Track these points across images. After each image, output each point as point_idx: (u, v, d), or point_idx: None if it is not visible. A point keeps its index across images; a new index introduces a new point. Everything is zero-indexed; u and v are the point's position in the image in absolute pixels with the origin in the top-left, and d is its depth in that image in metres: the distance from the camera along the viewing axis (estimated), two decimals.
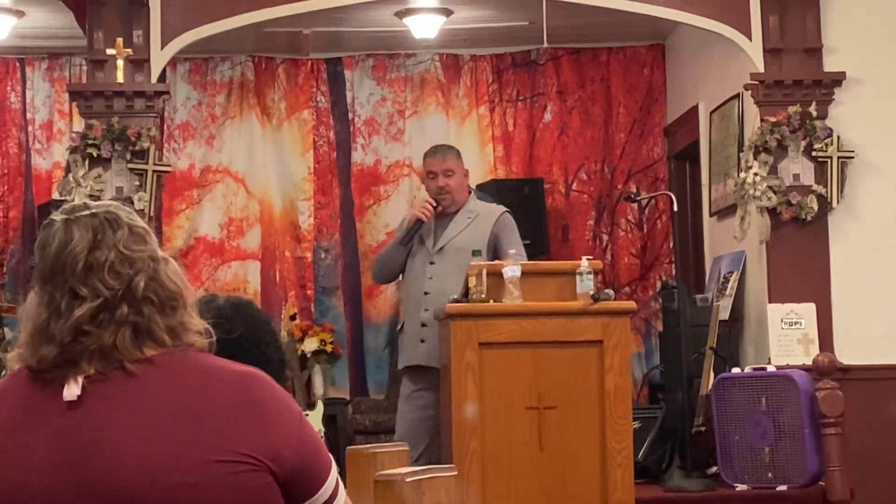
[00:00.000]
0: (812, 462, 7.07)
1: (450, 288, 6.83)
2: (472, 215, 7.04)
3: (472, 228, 6.99)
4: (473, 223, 7.01)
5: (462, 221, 7.04)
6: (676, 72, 10.20)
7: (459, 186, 7.08)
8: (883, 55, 8.00)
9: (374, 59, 10.42)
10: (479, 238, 6.94)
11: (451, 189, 7.04)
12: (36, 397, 2.23)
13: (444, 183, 7.04)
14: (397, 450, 3.62)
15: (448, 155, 7.16)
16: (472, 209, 7.08)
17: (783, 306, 7.79)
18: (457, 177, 7.07)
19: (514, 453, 6.46)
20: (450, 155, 7.17)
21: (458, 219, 7.05)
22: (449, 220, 7.05)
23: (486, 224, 7.00)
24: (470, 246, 6.80)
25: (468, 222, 7.02)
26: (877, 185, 7.93)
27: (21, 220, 10.13)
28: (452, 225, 7.03)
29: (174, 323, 2.27)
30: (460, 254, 6.88)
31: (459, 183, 7.08)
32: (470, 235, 6.96)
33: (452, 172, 7.06)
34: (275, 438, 2.23)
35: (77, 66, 10.08)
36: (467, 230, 6.99)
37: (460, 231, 7.00)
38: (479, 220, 7.02)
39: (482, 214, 7.06)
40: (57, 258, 2.26)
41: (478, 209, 7.11)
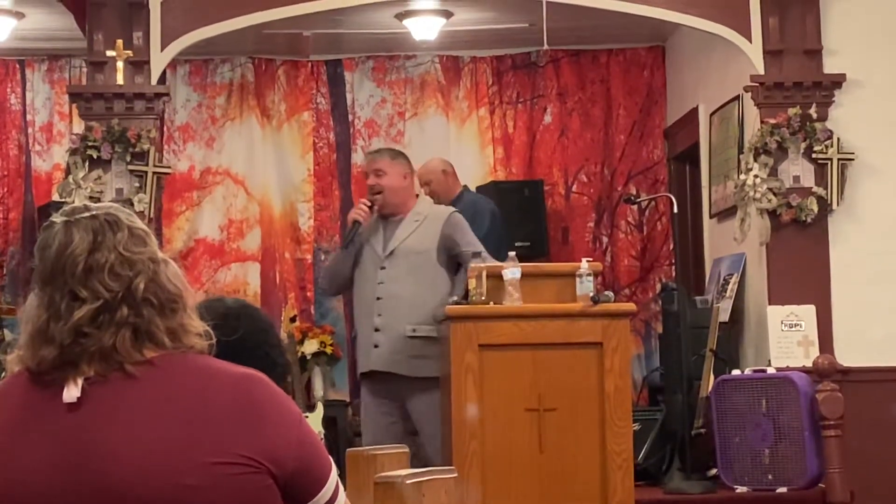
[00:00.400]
0: (812, 464, 7.07)
1: (402, 292, 6.87)
2: (420, 217, 6.99)
3: (421, 230, 6.95)
4: (422, 225, 6.96)
5: (410, 224, 6.99)
6: (676, 74, 10.20)
7: (396, 186, 7.03)
8: (883, 57, 8.00)
9: (374, 60, 10.42)
10: (428, 239, 6.91)
11: (381, 188, 7.01)
12: (36, 399, 2.23)
13: (374, 182, 7.04)
14: (397, 451, 3.62)
15: (380, 156, 7.20)
16: (419, 211, 7.04)
17: (783, 308, 7.79)
18: (389, 177, 7.02)
19: (513, 455, 6.46)
20: (382, 156, 7.19)
21: (407, 222, 7.00)
22: (397, 225, 7.01)
23: (435, 225, 6.95)
24: (420, 248, 6.85)
25: (416, 225, 6.97)
26: (877, 187, 7.93)
27: (21, 221, 10.13)
28: (401, 228, 6.99)
29: (174, 325, 2.27)
30: (411, 256, 6.89)
31: (395, 183, 7.03)
32: (419, 237, 6.93)
33: (383, 172, 7.03)
34: (274, 440, 2.23)
35: (77, 68, 10.09)
36: (416, 232, 6.95)
37: (409, 234, 6.95)
38: (427, 222, 6.97)
39: (430, 216, 7.01)
40: (57, 260, 2.26)
41: (426, 211, 7.06)
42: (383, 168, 7.05)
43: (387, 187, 7.01)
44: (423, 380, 6.83)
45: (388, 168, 7.05)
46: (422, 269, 6.90)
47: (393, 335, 6.89)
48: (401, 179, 7.06)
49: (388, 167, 7.05)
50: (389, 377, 6.90)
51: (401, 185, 7.05)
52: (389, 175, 7.03)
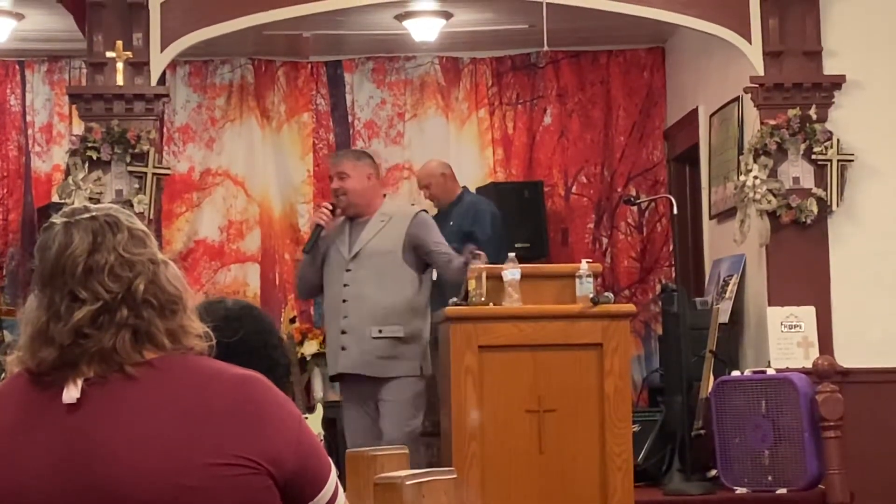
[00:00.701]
0: (812, 465, 7.07)
1: (368, 293, 6.81)
2: (385, 218, 6.93)
3: (386, 231, 6.89)
4: (388, 225, 6.90)
5: (376, 225, 6.93)
6: (676, 75, 10.20)
7: (360, 188, 6.95)
8: (883, 58, 8.00)
9: (373, 61, 10.42)
10: (393, 240, 6.87)
11: (345, 190, 6.93)
12: (36, 400, 2.23)
13: (338, 185, 6.96)
14: (397, 453, 3.61)
15: (342, 158, 7.13)
16: (385, 212, 6.98)
17: (783, 309, 7.79)
18: (354, 178, 6.94)
19: (513, 456, 6.46)
20: (345, 158, 7.12)
21: (372, 223, 6.94)
22: (363, 226, 6.95)
23: (400, 225, 6.89)
24: (385, 249, 6.81)
25: (382, 225, 6.91)
26: (876, 189, 7.93)
27: (21, 222, 10.13)
28: (366, 230, 6.92)
29: (174, 326, 2.27)
30: (376, 257, 6.84)
31: (359, 185, 6.95)
32: (384, 238, 6.88)
33: (346, 175, 6.94)
34: (274, 442, 2.23)
35: (77, 69, 10.09)
36: (381, 233, 6.89)
37: (374, 234, 6.89)
38: (393, 222, 6.91)
39: (396, 216, 6.96)
40: (57, 261, 2.26)
41: (391, 211, 7.01)
42: (346, 170, 6.96)
43: (350, 190, 6.94)
44: (392, 379, 6.83)
45: (352, 170, 6.97)
46: (387, 270, 6.84)
47: (359, 337, 6.84)
48: (365, 180, 6.97)
49: (351, 169, 6.97)
50: (359, 379, 6.88)
51: (365, 186, 6.96)
52: (353, 177, 6.95)
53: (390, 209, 7.03)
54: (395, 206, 7.19)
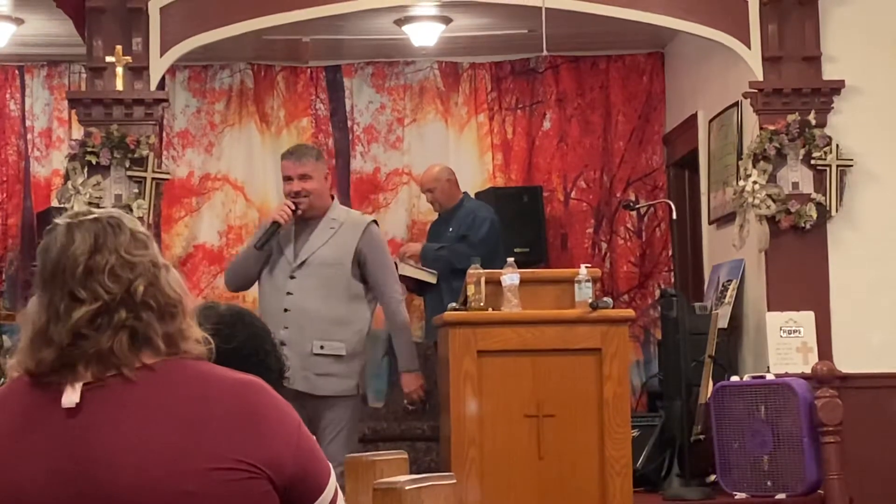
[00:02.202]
0: (811, 470, 7.07)
1: (311, 305, 6.44)
2: (335, 225, 6.57)
3: (336, 240, 6.53)
4: (338, 234, 6.54)
5: (325, 232, 6.56)
6: (675, 80, 10.20)
7: (320, 191, 6.61)
8: (882, 63, 8.01)
9: (373, 66, 10.42)
10: (343, 251, 6.52)
11: (307, 193, 6.57)
12: (36, 403, 2.23)
13: (300, 188, 6.58)
14: (396, 458, 3.62)
15: (304, 157, 6.68)
16: (335, 217, 6.60)
17: (782, 314, 7.79)
18: (315, 181, 6.58)
19: (512, 461, 6.46)
20: (307, 157, 6.68)
21: (321, 229, 6.57)
22: (311, 231, 6.58)
23: (351, 236, 6.53)
24: (333, 260, 6.46)
25: (332, 233, 6.55)
26: (876, 194, 7.93)
27: (20, 227, 10.13)
28: (315, 236, 6.55)
29: (172, 330, 2.27)
30: (324, 269, 6.49)
31: (319, 186, 6.61)
32: (333, 247, 6.52)
33: (309, 176, 6.58)
34: (273, 446, 2.23)
35: (76, 74, 10.09)
36: (331, 242, 6.53)
37: (324, 243, 6.54)
38: (343, 231, 6.55)
39: (346, 224, 6.58)
40: (58, 261, 2.26)
41: (342, 217, 6.63)
42: (309, 171, 6.61)
43: (313, 192, 6.59)
44: (329, 398, 6.50)
45: (314, 171, 6.63)
46: (333, 281, 6.49)
47: (299, 351, 6.44)
48: (324, 181, 6.67)
49: (313, 170, 6.63)
50: (296, 395, 6.32)
51: (324, 187, 6.65)
52: (315, 178, 6.61)
53: (340, 215, 6.66)
54: (343, 212, 6.74)
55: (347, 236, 6.52)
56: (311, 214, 6.58)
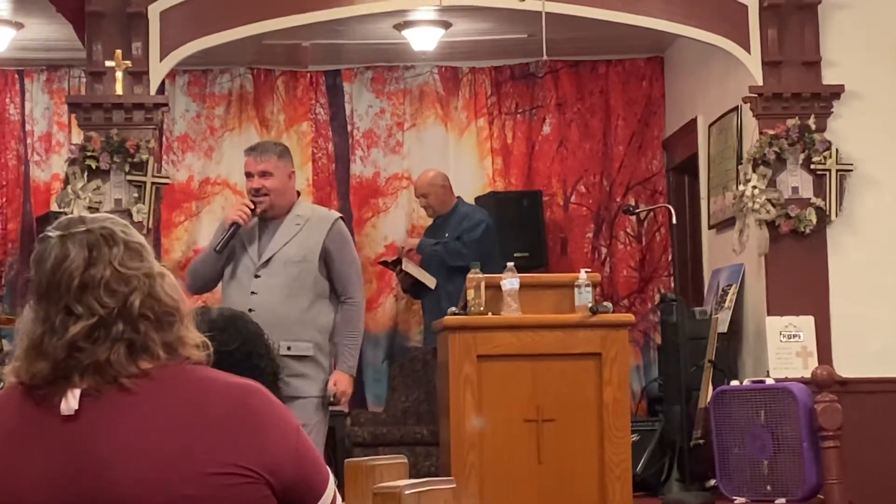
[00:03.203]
0: (811, 475, 7.06)
1: (277, 305, 6.10)
2: (301, 221, 6.25)
3: (301, 237, 6.21)
4: (303, 231, 6.22)
5: (290, 229, 6.23)
6: (675, 84, 10.20)
7: (282, 188, 6.25)
8: (881, 68, 8.01)
9: (372, 71, 10.43)
10: (310, 247, 6.19)
11: (267, 191, 6.21)
12: (32, 412, 2.23)
13: (260, 185, 6.22)
14: (396, 462, 3.61)
15: (266, 154, 6.33)
16: (300, 213, 6.28)
17: (782, 319, 7.79)
18: (277, 178, 6.23)
19: (512, 466, 6.46)
20: (268, 154, 6.33)
21: (286, 226, 6.24)
22: (276, 228, 6.26)
23: (317, 233, 6.20)
24: (299, 257, 6.16)
25: (297, 230, 6.22)
26: (875, 198, 7.93)
27: (20, 231, 10.13)
28: (279, 233, 6.23)
29: (171, 338, 2.26)
30: (289, 266, 6.17)
31: (281, 184, 6.24)
32: (299, 244, 6.19)
33: (270, 174, 6.23)
34: (272, 451, 2.23)
35: (76, 78, 10.10)
36: (296, 239, 6.20)
37: (288, 240, 6.20)
38: (309, 228, 6.22)
39: (312, 220, 6.25)
40: (52, 275, 2.25)
41: (307, 213, 6.30)
42: (270, 169, 6.25)
43: (273, 190, 6.23)
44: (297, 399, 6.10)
45: (276, 168, 6.27)
46: (300, 279, 6.17)
47: None
48: (287, 179, 6.29)
49: (275, 167, 6.27)
50: None
51: (287, 185, 6.29)
52: (276, 176, 6.26)
53: (305, 210, 6.34)
54: (309, 207, 6.48)
55: (314, 232, 6.22)
56: (274, 213, 6.26)
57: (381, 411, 9.85)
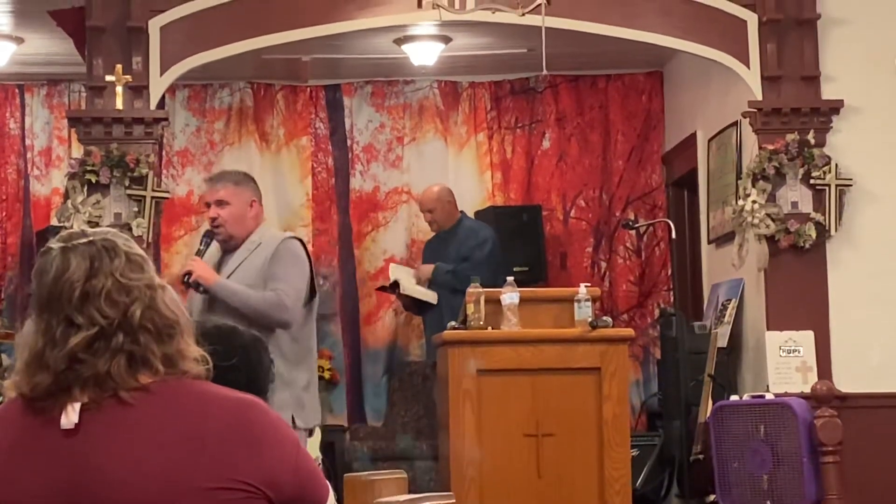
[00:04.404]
0: (810, 490, 7.05)
1: None
2: (253, 245, 5.97)
3: (247, 263, 5.93)
4: (254, 255, 5.94)
5: (242, 254, 5.97)
6: (675, 99, 10.21)
7: (239, 217, 5.97)
8: (881, 83, 8.01)
9: (372, 85, 10.44)
10: (256, 271, 5.88)
11: (222, 221, 5.96)
12: (32, 425, 2.23)
13: (215, 213, 5.97)
14: (395, 477, 3.61)
15: (221, 181, 6.11)
16: (255, 240, 5.98)
17: (781, 334, 7.78)
18: (234, 206, 5.96)
19: (512, 480, 6.46)
20: (223, 181, 6.10)
21: (241, 251, 5.98)
22: (231, 254, 6.01)
23: (263, 256, 5.91)
24: (247, 281, 5.84)
25: (247, 254, 5.95)
26: (875, 213, 7.93)
27: (19, 246, 10.13)
28: (233, 258, 5.98)
29: (171, 351, 2.27)
30: None
31: (238, 213, 5.97)
32: (247, 269, 5.91)
33: (226, 202, 5.96)
34: (272, 466, 2.23)
35: (76, 93, 10.10)
36: (243, 265, 5.93)
37: (238, 265, 5.94)
38: (259, 251, 5.94)
39: (264, 244, 5.96)
40: (54, 286, 2.25)
41: (262, 238, 5.99)
42: (225, 197, 5.98)
43: (229, 219, 5.97)
44: None
45: (231, 197, 6.00)
46: None
47: None
48: (246, 208, 5.99)
49: (231, 195, 6.00)
50: None
51: (245, 214, 5.99)
52: (233, 205, 5.98)
53: (259, 236, 6.03)
54: (266, 233, 6.09)
55: (261, 255, 5.93)
56: (234, 243, 6.00)
57: (381, 426, 9.84)
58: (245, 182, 6.11)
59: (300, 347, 5.96)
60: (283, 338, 5.82)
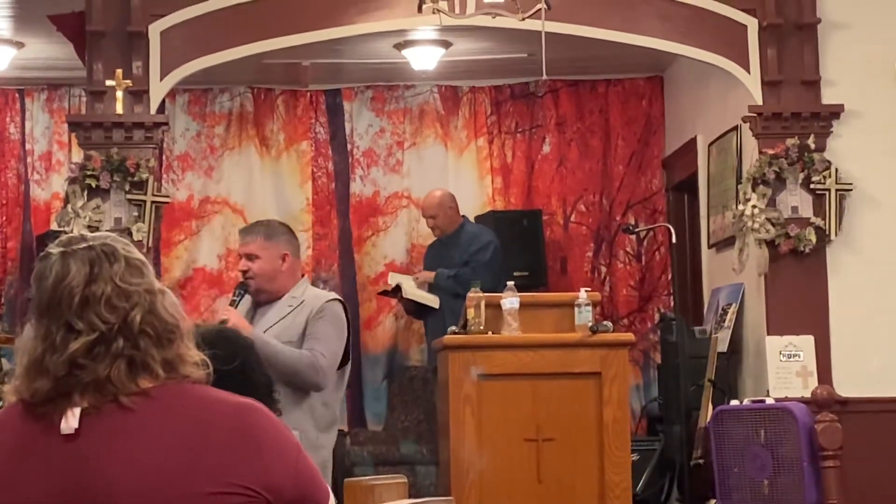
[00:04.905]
0: (811, 495, 7.05)
1: None
2: (295, 302, 5.78)
3: (287, 320, 5.73)
4: (295, 312, 5.75)
5: (283, 309, 5.78)
6: (675, 104, 10.21)
7: (270, 271, 5.81)
8: (881, 88, 8.01)
9: (372, 90, 10.44)
10: (296, 328, 5.69)
11: (253, 274, 5.81)
12: (32, 430, 2.23)
13: (246, 267, 5.84)
14: (396, 482, 3.61)
15: (251, 234, 5.96)
16: (296, 296, 5.81)
17: (781, 338, 7.78)
18: (264, 260, 5.81)
19: (512, 485, 6.45)
20: (252, 235, 5.94)
21: (279, 306, 5.80)
22: (266, 311, 5.83)
23: (304, 315, 5.72)
24: (285, 338, 5.63)
25: (289, 310, 5.76)
26: (875, 218, 7.93)
27: (19, 250, 10.13)
28: (271, 313, 5.79)
29: (171, 356, 2.27)
30: None
31: (269, 267, 5.81)
32: (287, 325, 5.72)
33: (256, 256, 5.82)
34: (272, 470, 2.23)
35: (76, 98, 10.10)
36: (282, 322, 5.73)
37: (278, 320, 5.74)
38: (301, 310, 5.74)
39: (307, 302, 5.76)
40: (53, 291, 2.25)
41: (304, 296, 5.80)
42: (256, 251, 5.84)
43: (260, 274, 5.82)
44: None
45: (262, 251, 5.84)
46: None
47: None
48: (278, 262, 5.83)
49: (260, 250, 5.84)
50: None
51: (277, 268, 5.83)
52: (263, 259, 5.82)
53: (301, 293, 5.84)
54: (308, 291, 5.90)
55: (303, 314, 5.74)
56: (266, 297, 5.86)
57: (381, 430, 9.83)
58: (277, 235, 5.93)
59: (329, 413, 5.75)
60: (316, 402, 5.65)
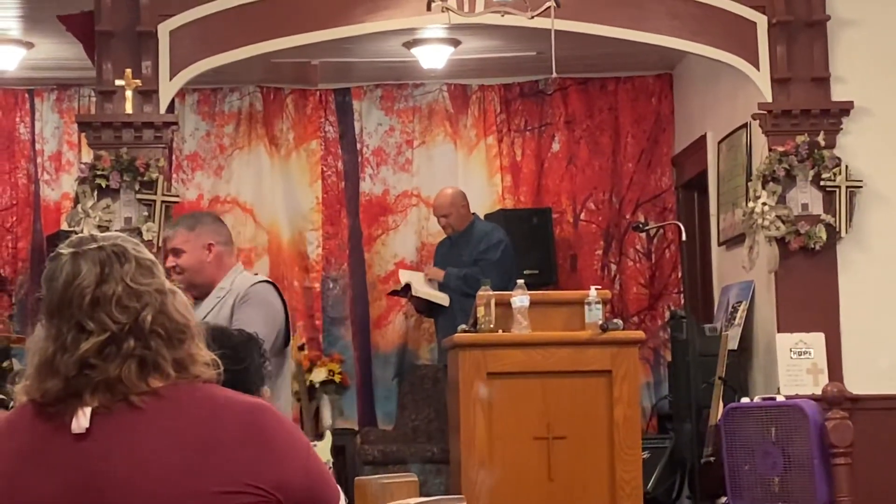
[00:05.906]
0: (822, 492, 7.04)
1: None
2: (222, 293, 5.47)
3: (218, 310, 5.41)
4: (221, 302, 5.44)
5: (211, 302, 5.47)
6: (684, 101, 10.21)
7: (197, 265, 5.50)
8: (891, 84, 8.00)
9: (382, 89, 10.44)
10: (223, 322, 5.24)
11: (181, 269, 5.49)
12: (43, 430, 2.23)
13: (172, 262, 5.51)
14: (406, 480, 3.61)
15: (174, 229, 5.69)
16: (224, 286, 5.48)
17: (792, 336, 7.77)
18: (189, 254, 5.51)
19: (522, 483, 6.45)
20: (176, 228, 5.67)
21: (209, 299, 5.49)
22: (200, 303, 5.47)
23: (229, 304, 5.40)
24: None
25: (216, 302, 5.45)
26: (885, 215, 7.92)
27: (30, 250, 10.15)
28: (200, 308, 5.39)
29: (182, 355, 2.27)
30: None
31: (195, 261, 5.50)
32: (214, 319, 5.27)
33: (181, 251, 5.52)
34: (282, 469, 2.23)
35: (86, 98, 10.12)
36: (213, 313, 5.39)
37: (205, 315, 5.31)
38: (227, 298, 5.43)
39: (232, 291, 5.44)
40: (64, 292, 2.26)
41: (232, 285, 5.47)
42: (179, 245, 5.54)
43: (187, 268, 5.52)
44: None
45: (185, 244, 5.53)
46: None
47: None
48: (203, 253, 5.51)
49: (183, 243, 5.54)
50: None
51: (202, 260, 5.51)
52: (188, 252, 5.52)
53: (229, 283, 5.50)
54: (237, 279, 5.52)
55: (229, 303, 5.44)
56: (200, 291, 5.53)
57: (392, 429, 9.84)
58: (200, 224, 5.64)
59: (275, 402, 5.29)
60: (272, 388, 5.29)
